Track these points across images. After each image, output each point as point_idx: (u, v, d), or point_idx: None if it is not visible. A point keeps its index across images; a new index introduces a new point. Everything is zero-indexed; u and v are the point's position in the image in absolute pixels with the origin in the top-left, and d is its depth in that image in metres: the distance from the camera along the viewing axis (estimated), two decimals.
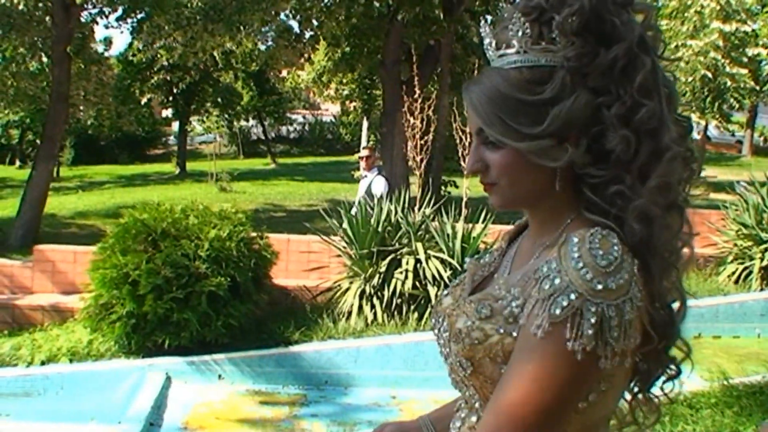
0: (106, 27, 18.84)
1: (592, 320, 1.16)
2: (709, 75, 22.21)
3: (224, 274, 7.36)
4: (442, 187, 14.75)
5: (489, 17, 14.88)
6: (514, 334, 1.26)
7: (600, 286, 1.16)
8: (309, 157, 32.26)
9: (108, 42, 21.94)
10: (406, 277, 7.88)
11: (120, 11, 20.89)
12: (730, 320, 8.57)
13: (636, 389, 1.41)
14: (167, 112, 30.56)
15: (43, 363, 7.62)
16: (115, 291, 7.26)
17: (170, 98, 26.57)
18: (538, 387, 1.19)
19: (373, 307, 8.02)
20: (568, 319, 1.17)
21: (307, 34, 14.71)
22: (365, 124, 22.33)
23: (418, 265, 7.99)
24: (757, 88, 25.27)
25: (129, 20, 25.03)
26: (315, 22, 14.01)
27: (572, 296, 1.17)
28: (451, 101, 10.20)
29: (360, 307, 8.06)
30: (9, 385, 7.45)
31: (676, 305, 1.36)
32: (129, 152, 32.58)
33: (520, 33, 1.30)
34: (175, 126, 31.95)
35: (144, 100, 26.42)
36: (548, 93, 1.26)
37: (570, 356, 1.16)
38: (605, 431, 1.37)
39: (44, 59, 15.20)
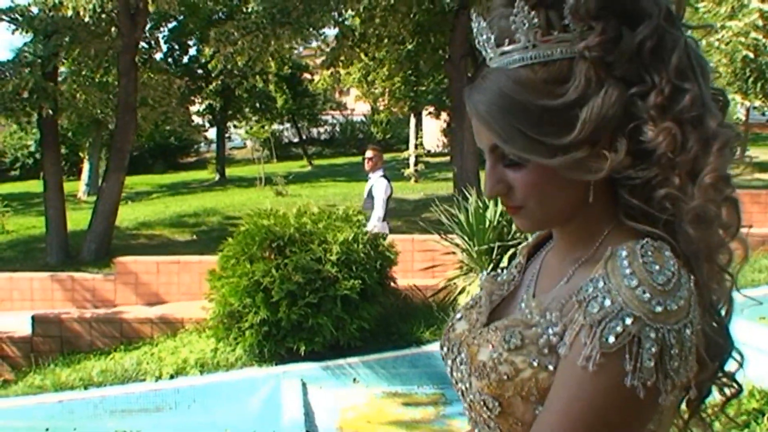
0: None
1: (653, 349, 0.99)
2: (751, 55, 22.08)
3: (354, 277, 7.29)
4: None
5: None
6: (551, 367, 1.09)
7: (659, 308, 0.99)
8: (342, 157, 32.21)
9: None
10: None
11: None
12: None
13: (687, 414, 1.21)
14: (198, 119, 30.44)
15: (172, 376, 7.56)
16: (248, 299, 7.17)
17: (208, 105, 26.58)
18: (589, 429, 1.02)
19: None
20: (625, 348, 0.99)
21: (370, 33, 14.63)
22: (412, 121, 22.21)
23: None
24: None
25: (161, 28, 25.24)
26: (378, 20, 13.95)
27: (627, 321, 0.99)
28: None
29: None
30: (139, 400, 7.41)
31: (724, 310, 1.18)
32: (162, 161, 32.61)
33: (525, 24, 1.10)
34: (210, 133, 31.97)
35: (203, 107, 26.41)
36: (572, 93, 1.07)
37: (626, 393, 0.99)
38: None
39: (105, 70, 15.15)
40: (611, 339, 1.00)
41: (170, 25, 25.66)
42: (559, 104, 1.07)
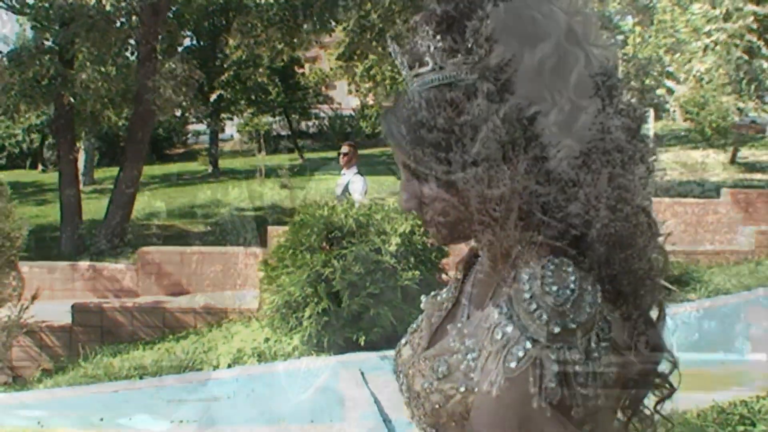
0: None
1: (555, 369, 1.01)
2: (745, 57, 22.39)
3: (413, 268, 7.37)
4: None
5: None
6: (477, 390, 1.10)
7: (557, 329, 1.01)
8: (331, 151, 32.12)
9: None
10: None
11: None
12: None
13: (628, 411, 1.22)
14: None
15: (229, 365, 7.58)
16: (309, 289, 7.23)
17: (219, 96, 26.38)
18: None
19: None
20: (528, 371, 1.01)
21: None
22: None
23: None
24: None
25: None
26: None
27: (528, 345, 1.02)
28: None
29: None
30: (196, 389, 7.40)
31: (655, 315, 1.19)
32: (150, 152, 32.21)
33: (432, 47, 1.14)
34: (196, 126, 31.81)
35: (213, 97, 26.21)
36: (474, 111, 1.10)
37: (534, 413, 1.01)
38: None
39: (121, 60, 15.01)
40: (512, 364, 1.02)
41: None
42: (462, 122, 1.11)
